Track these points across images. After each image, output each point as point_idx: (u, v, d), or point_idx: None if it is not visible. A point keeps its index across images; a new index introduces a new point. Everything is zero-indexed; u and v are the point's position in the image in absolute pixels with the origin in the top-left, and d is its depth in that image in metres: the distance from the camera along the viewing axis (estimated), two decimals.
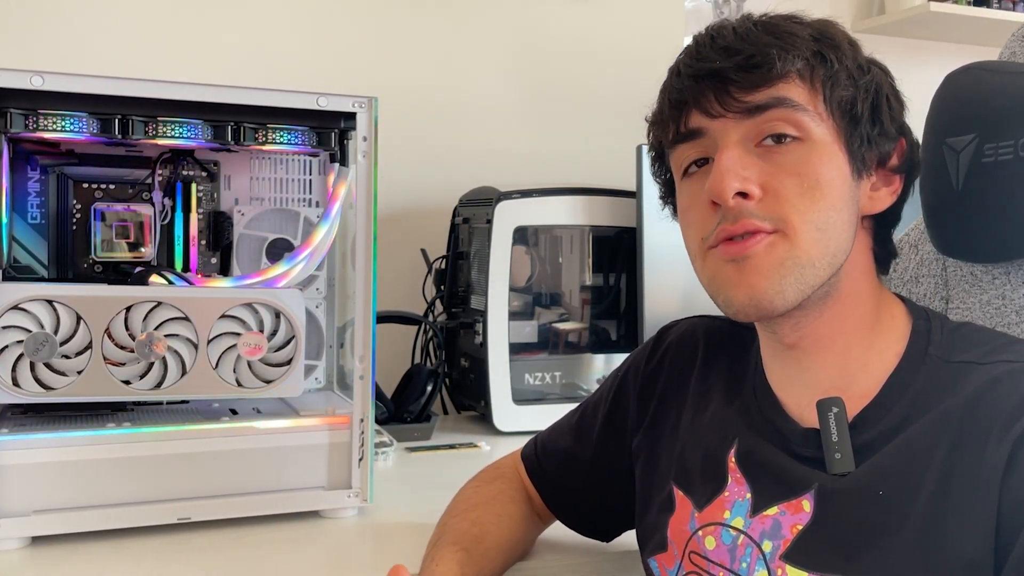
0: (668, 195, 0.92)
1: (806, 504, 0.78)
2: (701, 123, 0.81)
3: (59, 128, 1.06)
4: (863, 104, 0.80)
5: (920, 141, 0.86)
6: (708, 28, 0.84)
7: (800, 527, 0.78)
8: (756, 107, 0.78)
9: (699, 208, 0.82)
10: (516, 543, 1.01)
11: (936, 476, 0.73)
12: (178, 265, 1.26)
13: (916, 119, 0.98)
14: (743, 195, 0.78)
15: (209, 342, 1.11)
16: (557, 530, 1.07)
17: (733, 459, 0.85)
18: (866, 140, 0.81)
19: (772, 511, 0.80)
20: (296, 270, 1.19)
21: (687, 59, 0.82)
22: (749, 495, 0.83)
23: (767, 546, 0.79)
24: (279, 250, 1.29)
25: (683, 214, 0.86)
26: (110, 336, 1.07)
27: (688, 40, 0.86)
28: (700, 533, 0.85)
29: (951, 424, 0.75)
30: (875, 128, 0.81)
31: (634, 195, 1.66)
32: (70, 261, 1.23)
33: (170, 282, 1.16)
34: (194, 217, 1.27)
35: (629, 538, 1.02)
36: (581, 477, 1.02)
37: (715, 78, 0.79)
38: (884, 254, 0.87)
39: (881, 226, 0.86)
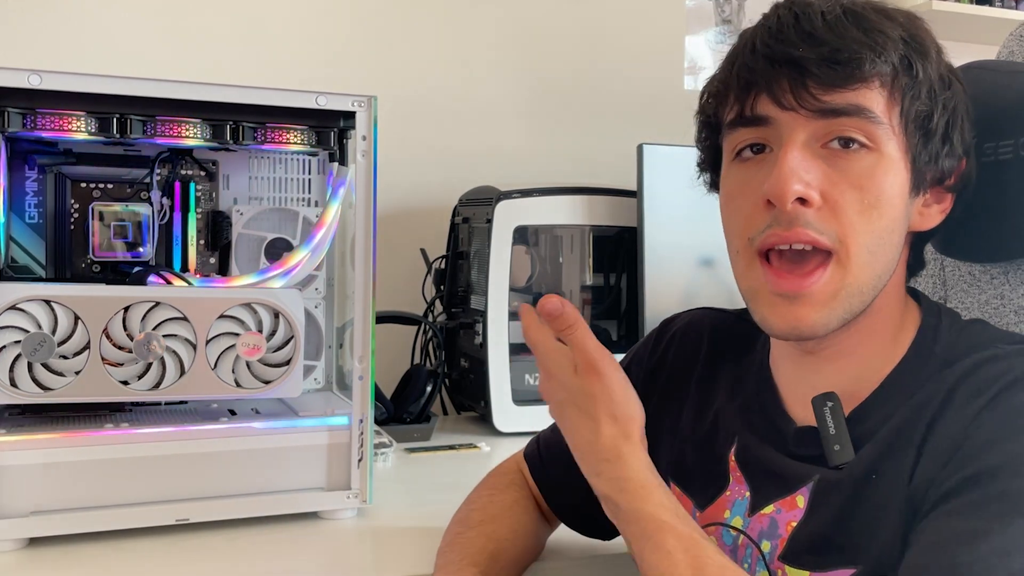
0: (709, 165, 0.87)
1: (800, 500, 0.78)
2: (769, 111, 0.76)
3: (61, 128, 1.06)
4: (939, 120, 0.77)
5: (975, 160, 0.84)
6: (791, 5, 0.77)
7: (794, 524, 0.78)
8: (832, 110, 0.74)
9: (749, 200, 0.78)
10: (529, 554, 1.00)
11: (910, 464, 0.73)
12: (176, 265, 1.26)
13: None
14: (803, 201, 0.74)
15: (208, 342, 1.10)
16: (559, 530, 1.07)
17: (733, 458, 0.85)
18: (933, 157, 0.77)
19: (768, 509, 0.80)
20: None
21: (766, 36, 0.76)
22: (748, 494, 0.82)
23: (766, 546, 0.79)
24: (278, 250, 1.29)
25: (728, 200, 0.82)
26: (108, 336, 1.07)
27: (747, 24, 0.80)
28: None
29: (930, 407, 0.74)
30: (944, 147, 0.78)
31: (635, 195, 1.65)
32: (68, 261, 1.22)
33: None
34: (193, 217, 1.27)
35: None
36: (583, 475, 1.01)
37: (794, 67, 0.74)
38: (917, 265, 0.85)
39: (921, 240, 0.84)
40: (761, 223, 0.76)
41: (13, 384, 1.04)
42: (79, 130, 1.07)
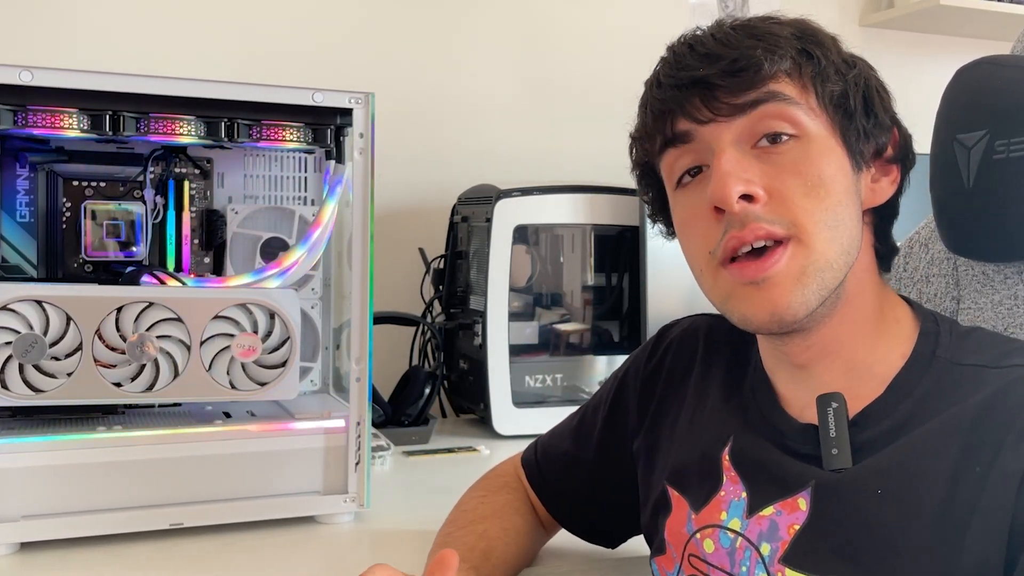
0: (658, 211, 0.90)
1: (802, 503, 0.77)
2: (689, 127, 0.79)
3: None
4: (855, 97, 0.79)
5: (909, 131, 0.85)
6: (682, 38, 0.82)
7: (797, 527, 0.77)
8: (747, 104, 0.76)
9: (700, 219, 0.79)
10: (522, 556, 1.00)
11: (946, 480, 0.72)
12: (170, 265, 1.25)
13: (925, 114, 0.97)
14: (748, 198, 0.75)
15: (202, 343, 1.10)
16: (561, 536, 1.06)
17: (727, 457, 0.84)
18: (862, 132, 0.79)
19: (768, 511, 0.79)
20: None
21: (666, 69, 0.80)
22: (745, 495, 0.82)
23: (765, 549, 0.78)
24: (274, 249, 1.29)
25: (682, 227, 0.84)
26: (101, 337, 1.07)
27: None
28: (698, 536, 0.84)
29: (962, 427, 0.73)
30: (869, 120, 0.80)
31: (636, 193, 1.63)
32: (60, 260, 1.22)
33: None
34: (187, 215, 1.27)
35: (634, 544, 1.01)
36: (582, 481, 1.01)
37: (700, 85, 0.77)
38: (886, 250, 0.85)
39: (881, 220, 0.84)
40: (717, 233, 0.77)
41: (4, 386, 1.04)
42: (71, 127, 1.06)
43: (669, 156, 0.82)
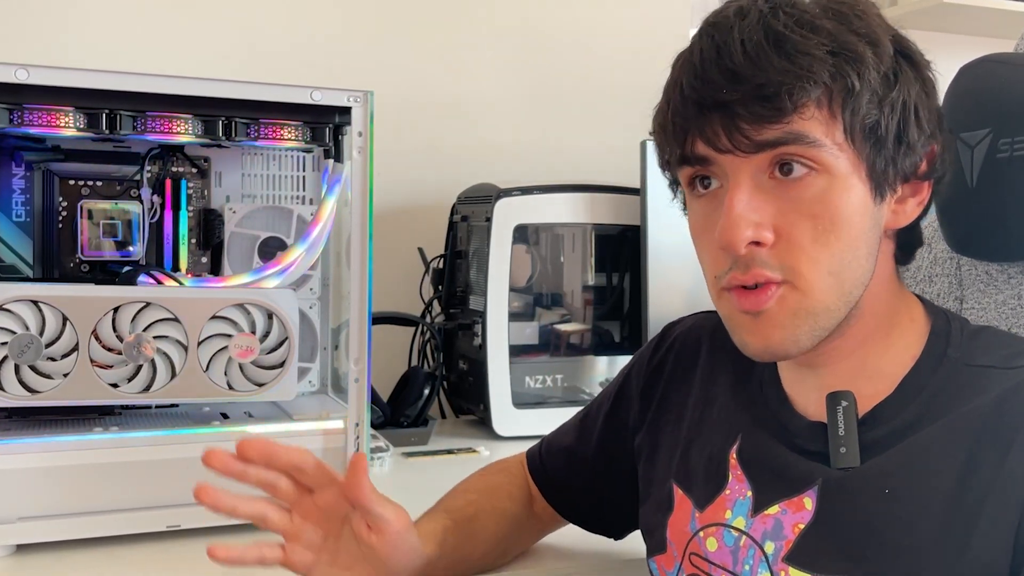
0: (677, 186, 0.86)
1: (808, 502, 0.77)
2: (708, 153, 0.75)
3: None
4: (888, 124, 0.74)
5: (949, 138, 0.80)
6: (713, 34, 0.75)
7: (802, 526, 0.77)
8: (767, 143, 0.72)
9: (710, 239, 0.77)
10: (504, 539, 1.01)
11: (954, 480, 0.72)
12: (167, 264, 1.25)
13: None
14: (756, 242, 0.73)
15: (199, 344, 1.09)
16: (562, 536, 1.06)
17: (734, 456, 0.84)
18: (891, 161, 0.75)
19: (773, 510, 0.79)
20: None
21: (690, 78, 0.75)
22: (750, 493, 0.81)
23: (769, 547, 0.78)
24: (272, 249, 1.28)
25: (695, 235, 0.81)
26: (97, 338, 1.06)
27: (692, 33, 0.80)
28: (701, 534, 0.84)
29: (971, 429, 0.73)
30: (902, 146, 0.75)
31: (638, 192, 1.64)
32: (56, 260, 1.22)
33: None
34: (184, 215, 1.26)
35: (636, 544, 1.00)
36: (583, 475, 1.02)
37: (723, 110, 0.73)
38: (905, 254, 0.82)
39: (906, 231, 0.81)
40: (723, 265, 0.76)
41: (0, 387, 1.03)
42: (67, 126, 1.06)
43: (686, 171, 0.79)
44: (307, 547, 0.86)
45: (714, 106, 0.73)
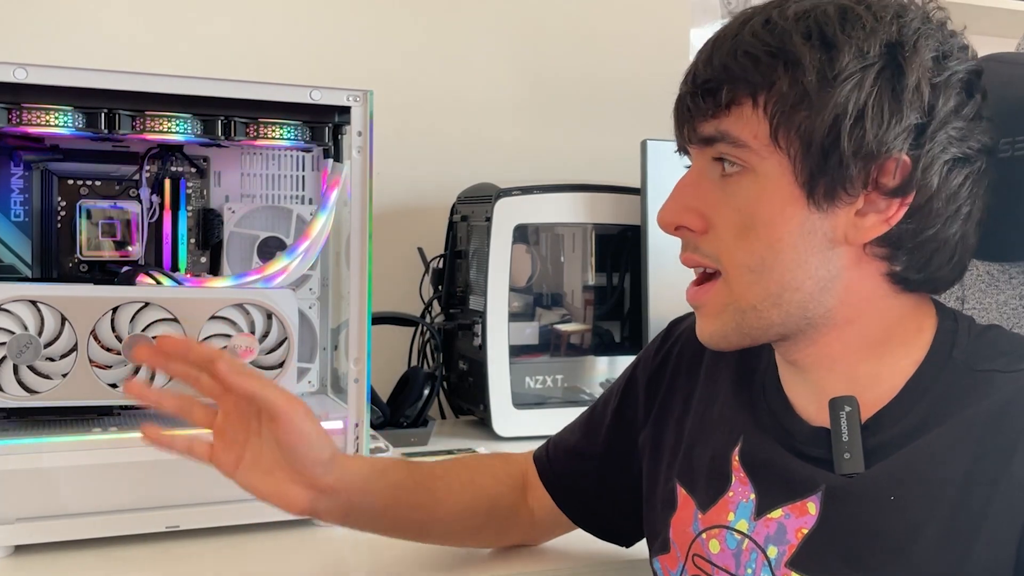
0: None
1: (811, 507, 0.77)
2: (682, 144, 0.82)
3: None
4: (821, 128, 0.72)
5: (939, 155, 0.75)
6: (723, 28, 0.80)
7: (805, 531, 0.76)
8: (703, 139, 0.77)
9: None
10: (476, 513, 1.01)
11: (958, 485, 0.71)
12: (166, 264, 1.25)
13: None
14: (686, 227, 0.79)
15: None
16: (564, 536, 1.06)
17: (736, 458, 0.84)
18: (820, 169, 0.72)
19: (776, 514, 0.79)
20: (294, 264, 1.17)
21: (687, 72, 0.80)
22: (753, 496, 0.81)
23: (772, 552, 0.78)
24: (271, 249, 1.28)
25: None
26: (96, 338, 1.06)
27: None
28: (704, 536, 0.83)
29: (974, 433, 0.72)
30: (834, 155, 0.72)
31: (639, 192, 1.63)
32: (55, 260, 1.21)
33: (158, 282, 1.15)
34: (183, 215, 1.26)
35: (637, 544, 1.01)
36: (590, 476, 1.01)
37: (684, 104, 0.79)
38: (914, 274, 0.77)
39: (897, 248, 0.76)
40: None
41: None
42: (66, 125, 1.06)
43: (685, 158, 0.84)
44: (230, 446, 0.89)
45: (683, 99, 0.79)
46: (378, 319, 1.52)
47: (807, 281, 0.76)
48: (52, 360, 1.05)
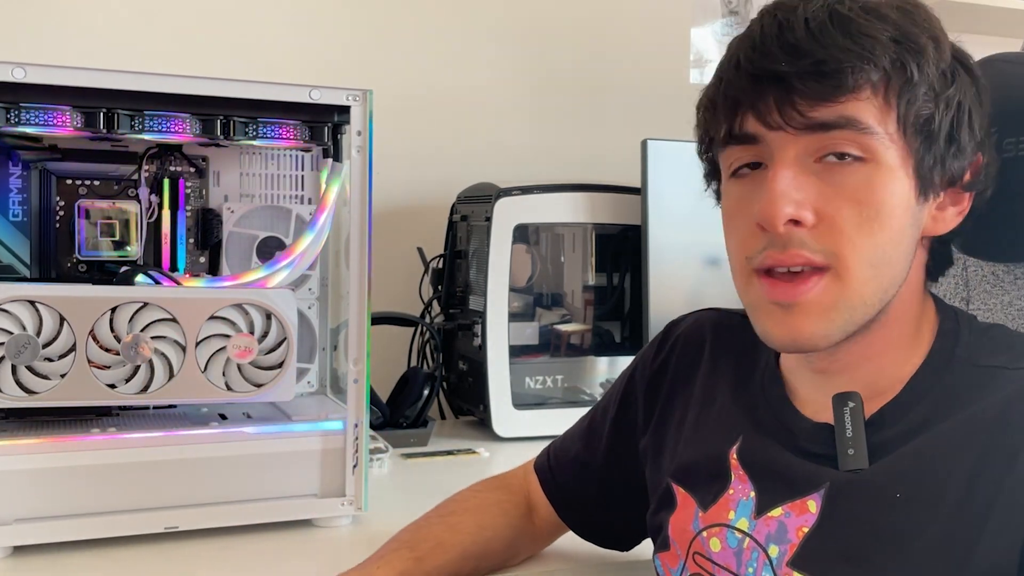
0: (713, 176, 0.85)
1: (812, 505, 0.76)
2: (757, 130, 0.74)
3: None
4: (942, 121, 0.73)
5: (994, 152, 0.80)
6: (776, 13, 0.74)
7: (806, 530, 0.76)
8: (819, 124, 0.71)
9: (745, 220, 0.76)
10: (494, 556, 0.99)
11: (962, 482, 0.71)
12: (165, 264, 1.24)
13: None
14: (796, 221, 0.72)
15: (197, 344, 1.09)
16: (564, 536, 1.06)
17: (735, 456, 0.83)
18: (939, 161, 0.74)
19: (777, 512, 0.78)
20: (279, 276, 1.16)
21: (749, 51, 0.74)
22: (753, 494, 0.81)
23: (773, 551, 0.77)
24: (270, 248, 1.28)
25: (727, 218, 0.81)
26: (95, 338, 1.06)
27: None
28: (704, 534, 0.83)
29: (979, 430, 0.72)
30: (951, 148, 0.74)
31: (639, 192, 1.63)
32: (53, 260, 1.21)
33: (157, 282, 1.14)
34: (182, 215, 1.26)
35: (642, 545, 1.01)
36: (593, 485, 1.00)
37: (778, 83, 0.72)
38: (939, 264, 0.82)
39: (940, 241, 0.80)
40: (758, 245, 0.75)
41: None
42: (64, 125, 1.05)
43: (731, 152, 0.78)
44: None
45: (770, 79, 0.72)
46: (378, 319, 1.52)
47: (901, 276, 0.76)
48: (51, 360, 1.04)
